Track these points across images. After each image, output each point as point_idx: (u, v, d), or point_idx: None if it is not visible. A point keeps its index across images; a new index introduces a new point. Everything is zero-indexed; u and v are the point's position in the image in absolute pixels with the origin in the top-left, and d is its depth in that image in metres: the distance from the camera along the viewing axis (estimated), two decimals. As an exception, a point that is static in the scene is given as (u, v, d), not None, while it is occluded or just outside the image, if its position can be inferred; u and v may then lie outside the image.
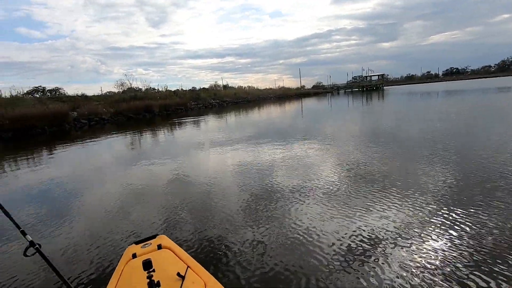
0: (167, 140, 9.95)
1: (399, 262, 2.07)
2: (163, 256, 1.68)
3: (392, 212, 2.86)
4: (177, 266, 1.53)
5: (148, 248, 1.80)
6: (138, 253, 1.75)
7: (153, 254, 1.70)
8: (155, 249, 1.79)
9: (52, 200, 4.33)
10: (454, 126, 7.66)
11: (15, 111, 14.01)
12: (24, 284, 2.26)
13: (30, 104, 16.73)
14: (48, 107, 15.84)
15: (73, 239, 2.93)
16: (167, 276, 1.41)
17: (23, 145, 11.18)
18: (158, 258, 1.61)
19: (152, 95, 28.32)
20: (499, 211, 2.70)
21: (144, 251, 1.78)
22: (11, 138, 13.25)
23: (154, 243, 1.86)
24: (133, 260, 1.69)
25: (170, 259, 1.64)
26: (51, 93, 33.33)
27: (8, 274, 2.43)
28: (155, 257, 1.59)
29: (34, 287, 2.22)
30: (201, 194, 3.94)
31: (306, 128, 9.84)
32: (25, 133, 13.81)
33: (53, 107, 16.10)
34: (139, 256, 1.72)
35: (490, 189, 3.24)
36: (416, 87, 50.33)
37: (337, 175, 4.22)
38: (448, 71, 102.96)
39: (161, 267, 1.49)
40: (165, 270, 1.47)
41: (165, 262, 1.60)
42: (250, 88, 51.36)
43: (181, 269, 1.48)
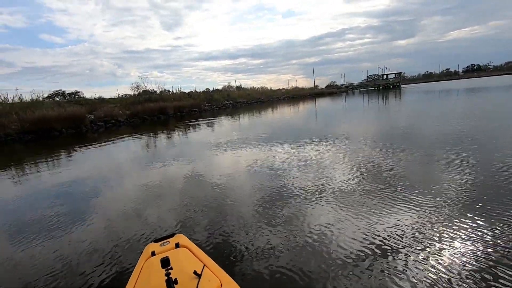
0: (182, 142, 9.87)
1: (416, 268, 2.01)
2: (181, 254, 1.71)
3: (410, 216, 2.75)
4: (194, 265, 1.55)
5: (167, 246, 1.84)
6: (157, 251, 1.79)
7: (171, 252, 1.72)
8: (173, 247, 1.82)
9: (73, 200, 4.42)
10: (476, 127, 7.17)
11: (34, 114, 14.34)
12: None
13: (49, 107, 17.13)
14: (66, 110, 16.15)
15: (95, 237, 3.00)
16: (184, 274, 1.43)
17: (42, 147, 11.39)
18: (176, 256, 1.63)
19: (166, 97, 28.57)
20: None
21: (163, 249, 1.81)
22: (30, 140, 13.57)
23: (172, 241, 1.90)
24: (152, 258, 1.72)
25: (187, 258, 1.67)
26: (71, 97, 34.40)
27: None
28: (173, 255, 1.60)
29: None
30: (216, 194, 3.93)
31: (321, 130, 9.54)
32: (44, 135, 14.13)
33: (70, 110, 16.42)
34: (157, 254, 1.75)
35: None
36: (435, 85, 48.61)
37: (352, 176, 4.07)
38: (469, 68, 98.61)
39: (179, 265, 1.51)
40: (182, 268, 1.49)
41: (183, 260, 1.62)
42: (263, 88, 51.11)
43: (197, 267, 1.49)
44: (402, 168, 4.27)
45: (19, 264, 2.64)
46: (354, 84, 69.73)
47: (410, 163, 4.52)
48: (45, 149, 10.95)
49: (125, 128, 17.40)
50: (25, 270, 2.52)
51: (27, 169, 7.19)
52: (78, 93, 36.99)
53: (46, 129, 14.14)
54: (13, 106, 15.83)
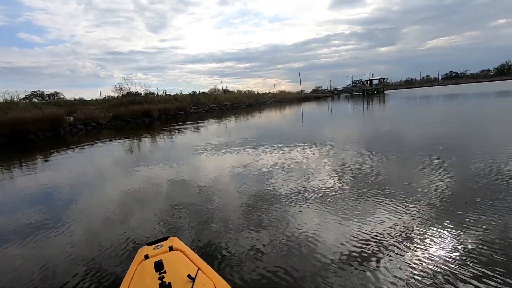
0: (168, 145, 9.49)
1: (398, 267, 2.05)
2: (175, 257, 1.69)
3: (392, 217, 2.81)
4: (188, 268, 1.53)
5: (160, 250, 1.82)
6: (150, 254, 1.76)
7: (165, 256, 1.69)
8: (166, 250, 1.80)
9: (54, 205, 4.25)
10: (455, 131, 7.51)
11: (7, 116, 13.43)
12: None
13: (25, 109, 16.18)
14: (43, 112, 15.27)
15: (82, 242, 2.93)
16: (178, 278, 1.40)
17: (16, 151, 10.63)
18: (170, 260, 1.61)
19: (151, 99, 27.83)
20: (501, 216, 2.66)
21: (156, 253, 1.78)
22: (3, 144, 12.65)
23: (165, 244, 1.87)
24: (145, 261, 1.70)
25: (181, 261, 1.64)
26: (50, 98, 32.90)
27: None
28: (167, 258, 1.56)
29: None
30: (204, 198, 3.91)
31: (307, 134, 9.51)
32: (18, 138, 13.20)
33: (48, 112, 15.52)
34: (151, 257, 1.72)
35: (492, 193, 3.17)
36: (416, 91, 50.15)
37: (337, 180, 4.12)
38: (448, 75, 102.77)
39: (172, 268, 1.49)
40: (176, 272, 1.47)
41: (176, 263, 1.60)
42: (250, 92, 50.93)
43: (191, 271, 1.48)
44: (384, 172, 4.31)
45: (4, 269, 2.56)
46: (339, 89, 70.90)
47: (392, 167, 4.58)
48: (20, 153, 10.23)
49: (107, 131, 16.68)
50: (10, 275, 2.45)
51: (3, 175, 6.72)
52: (58, 94, 35.50)
53: (21, 132, 13.23)
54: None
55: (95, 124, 18.02)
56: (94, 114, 19.02)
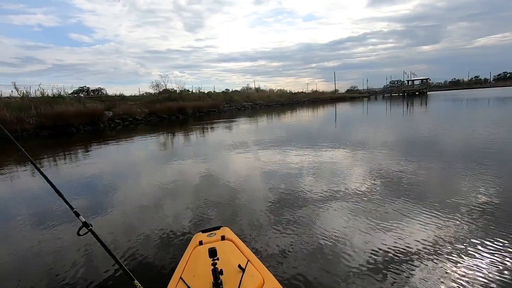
0: (205, 142, 9.20)
1: (429, 280, 1.94)
2: (226, 247, 1.73)
3: (425, 227, 2.68)
4: (238, 258, 1.55)
5: (213, 238, 1.87)
6: (204, 241, 1.83)
7: (217, 244, 1.71)
8: (219, 239, 1.84)
9: (109, 192, 4.57)
10: (506, 139, 6.82)
11: (52, 109, 14.04)
12: (78, 261, 2.50)
13: (69, 103, 16.92)
14: (85, 106, 15.83)
15: (142, 227, 3.11)
16: (229, 266, 1.43)
17: (58, 143, 10.96)
18: (222, 248, 1.62)
19: (186, 96, 28.16)
20: None
21: (210, 240, 1.85)
22: (47, 136, 13.22)
23: (218, 233, 1.92)
24: (200, 247, 1.76)
25: (232, 251, 1.68)
26: (94, 93, 34.73)
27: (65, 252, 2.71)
28: (219, 246, 1.50)
29: (88, 265, 2.43)
30: (257, 193, 4.00)
31: (338, 136, 9.13)
32: (60, 131, 13.74)
33: (89, 106, 16.07)
34: (205, 244, 1.79)
35: None
36: (464, 93, 45.73)
37: (368, 184, 4.01)
38: (501, 76, 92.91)
39: (224, 256, 1.51)
40: (228, 260, 1.49)
41: (228, 252, 1.62)
42: (282, 91, 49.93)
43: (241, 261, 1.50)
44: (421, 180, 4.10)
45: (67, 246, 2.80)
46: (377, 89, 67.30)
47: (431, 175, 4.35)
48: (63, 145, 10.50)
49: (143, 126, 16.93)
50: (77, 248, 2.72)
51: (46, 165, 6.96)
52: (101, 90, 37.38)
53: (63, 125, 13.76)
54: (33, 101, 15.65)
55: (132, 119, 18.42)
56: (131, 109, 19.48)
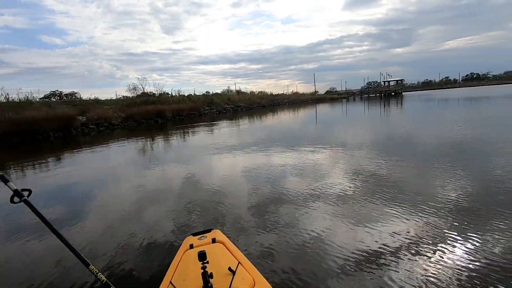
0: (185, 147, 8.85)
1: (408, 274, 2.01)
2: (217, 249, 1.72)
3: (403, 223, 2.78)
4: (229, 261, 1.55)
5: (204, 241, 1.87)
6: (195, 244, 1.83)
7: (208, 247, 1.72)
8: (209, 242, 1.84)
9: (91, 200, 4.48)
10: (476, 136, 7.13)
11: (18, 115, 13.09)
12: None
13: (38, 109, 15.90)
14: (55, 111, 14.93)
15: (127, 231, 3.08)
16: (219, 269, 1.42)
17: (24, 151, 10.19)
18: (212, 251, 1.62)
19: (165, 99, 27.42)
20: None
21: (200, 243, 1.84)
22: (14, 144, 12.29)
23: (209, 236, 1.93)
24: (190, 250, 1.76)
25: (223, 253, 1.67)
26: (67, 97, 33.05)
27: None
28: (209, 249, 1.53)
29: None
30: (225, 196, 4.00)
31: (322, 136, 9.25)
32: (28, 138, 12.80)
33: (60, 111, 15.16)
34: (195, 247, 1.78)
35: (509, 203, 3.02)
36: (436, 93, 47.85)
37: (346, 183, 4.10)
38: (469, 76, 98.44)
39: (214, 259, 1.50)
40: (218, 263, 1.49)
41: (218, 255, 1.62)
42: (263, 93, 50.01)
43: (232, 264, 1.49)
44: (400, 177, 4.23)
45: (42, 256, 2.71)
46: (355, 91, 69.06)
47: (409, 172, 4.48)
48: (29, 153, 9.76)
49: (120, 131, 16.24)
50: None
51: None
52: (75, 94, 35.63)
53: (31, 131, 12.85)
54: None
55: (107, 124, 17.62)
56: (107, 114, 18.65)
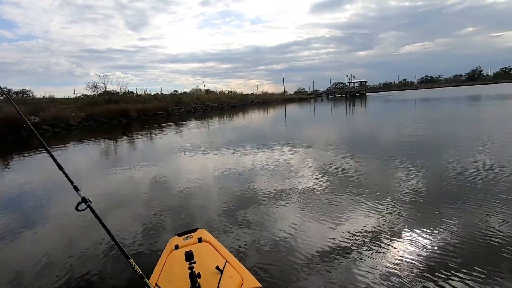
0: (154, 148, 8.31)
1: (375, 263, 2.10)
2: (203, 249, 1.70)
3: (370, 215, 2.92)
4: (216, 260, 1.54)
5: (189, 241, 1.85)
6: (180, 245, 1.81)
7: (194, 247, 1.70)
8: (195, 242, 1.82)
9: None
10: (432, 132, 7.75)
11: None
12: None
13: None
14: (2, 111, 13.38)
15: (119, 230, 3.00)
16: (207, 269, 1.42)
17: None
18: (199, 251, 1.59)
19: (129, 98, 26.01)
20: (468, 215, 2.79)
21: (186, 243, 1.82)
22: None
23: (195, 236, 1.91)
24: (176, 251, 1.74)
25: (210, 253, 1.66)
26: (17, 95, 29.98)
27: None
28: (196, 249, 1.48)
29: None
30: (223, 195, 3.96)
31: (294, 135, 9.31)
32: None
33: (7, 111, 13.60)
34: (181, 248, 1.77)
35: (464, 193, 3.32)
36: (395, 94, 51.05)
37: (318, 180, 4.22)
38: (423, 79, 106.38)
39: (201, 259, 1.49)
40: (205, 263, 1.48)
41: (205, 255, 1.61)
42: (233, 93, 49.63)
43: (219, 263, 1.49)
44: (364, 172, 4.49)
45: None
46: (321, 91, 71.26)
47: (372, 167, 4.75)
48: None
49: (78, 132, 15.04)
50: None
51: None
52: (27, 92, 32.46)
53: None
54: None
55: (64, 125, 16.21)
56: (63, 114, 17.17)
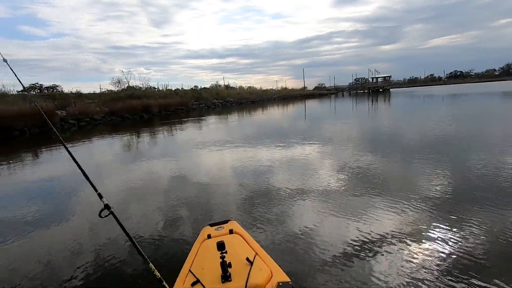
0: (181, 143, 8.26)
1: (395, 264, 2.08)
2: (234, 240, 1.72)
3: (392, 216, 2.83)
4: (246, 252, 1.56)
5: (221, 231, 1.88)
6: (212, 235, 1.84)
7: (225, 238, 1.73)
8: (227, 233, 1.85)
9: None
10: (461, 132, 7.41)
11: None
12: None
13: (14, 102, 14.77)
14: (31, 105, 13.88)
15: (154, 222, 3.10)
16: (238, 259, 1.44)
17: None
18: (230, 242, 1.61)
19: (151, 93, 26.41)
20: (499, 218, 2.64)
21: (218, 234, 1.86)
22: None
23: (226, 227, 1.93)
24: (208, 240, 1.77)
25: (240, 244, 1.68)
26: (48, 91, 31.38)
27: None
28: (227, 240, 1.51)
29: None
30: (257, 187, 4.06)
31: (313, 132, 9.20)
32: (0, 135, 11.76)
33: (40, 105, 14.06)
34: (213, 237, 1.80)
35: (490, 195, 3.17)
36: (421, 90, 48.66)
37: (339, 178, 4.16)
38: (452, 74, 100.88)
39: (232, 250, 1.51)
40: (236, 254, 1.50)
41: (236, 246, 1.63)
42: (252, 88, 49.35)
43: (250, 254, 1.50)
44: (388, 171, 4.38)
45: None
46: (343, 87, 69.37)
47: (397, 166, 4.64)
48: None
49: (102, 127, 15.37)
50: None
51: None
52: (57, 87, 33.91)
53: (3, 128, 11.81)
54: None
55: (89, 119, 16.65)
56: (89, 109, 17.65)
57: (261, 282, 1.32)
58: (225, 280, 1.29)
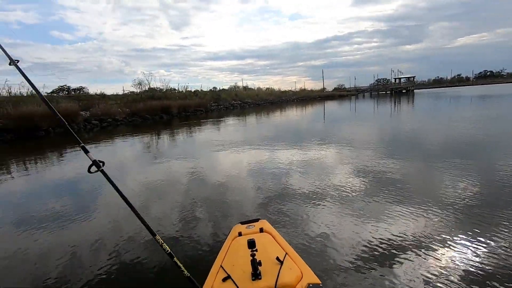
0: (201, 144, 8.05)
1: (413, 270, 2.05)
2: (265, 239, 1.72)
3: (411, 221, 2.79)
4: (277, 251, 1.56)
5: (252, 230, 1.89)
6: (243, 232, 1.85)
7: (256, 236, 1.72)
8: (257, 231, 1.85)
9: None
10: (487, 137, 6.89)
11: (16, 110, 12.36)
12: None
13: (38, 103, 15.21)
14: (57, 106, 14.23)
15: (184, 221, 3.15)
16: (268, 258, 1.44)
17: (19, 149, 9.53)
18: (260, 240, 1.61)
19: (171, 95, 26.65)
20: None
21: (248, 232, 1.86)
22: (10, 140, 11.62)
23: (257, 226, 1.94)
24: (239, 238, 1.79)
25: (271, 243, 1.68)
26: (75, 92, 32.54)
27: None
28: (258, 238, 1.50)
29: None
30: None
31: (333, 134, 8.93)
32: (26, 134, 12.07)
33: (62, 106, 14.44)
34: (244, 235, 1.81)
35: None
36: (447, 91, 46.32)
37: (361, 181, 4.07)
38: (482, 74, 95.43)
39: (263, 248, 1.51)
40: (266, 252, 1.50)
41: (267, 244, 1.63)
42: (270, 89, 48.90)
43: (280, 254, 1.50)
44: (408, 175, 4.26)
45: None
46: (364, 87, 67.47)
47: (417, 170, 4.52)
48: (25, 150, 9.07)
49: (123, 128, 15.52)
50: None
51: None
52: (83, 89, 35.17)
53: (30, 127, 12.12)
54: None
55: (111, 120, 16.90)
56: (111, 110, 17.94)
57: (291, 282, 1.30)
58: (255, 278, 1.30)
